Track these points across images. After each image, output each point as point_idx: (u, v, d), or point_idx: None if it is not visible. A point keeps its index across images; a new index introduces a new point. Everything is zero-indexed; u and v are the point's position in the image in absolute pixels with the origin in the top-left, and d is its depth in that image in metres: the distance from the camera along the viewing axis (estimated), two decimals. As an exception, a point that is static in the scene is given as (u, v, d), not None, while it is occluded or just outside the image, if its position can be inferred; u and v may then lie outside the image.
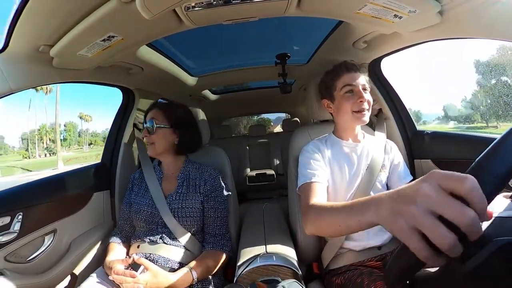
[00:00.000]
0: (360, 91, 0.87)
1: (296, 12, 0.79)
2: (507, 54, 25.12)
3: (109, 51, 0.84)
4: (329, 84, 0.93)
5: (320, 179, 0.84)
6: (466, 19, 0.73)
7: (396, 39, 0.96)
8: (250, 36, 1.33)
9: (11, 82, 0.76)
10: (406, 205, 0.32)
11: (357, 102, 0.86)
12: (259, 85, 2.22)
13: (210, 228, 0.98)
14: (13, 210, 0.88)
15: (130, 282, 0.75)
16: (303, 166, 0.89)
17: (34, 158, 46.62)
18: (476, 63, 41.78)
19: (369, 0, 0.69)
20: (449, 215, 0.28)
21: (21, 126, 59.66)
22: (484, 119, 28.96)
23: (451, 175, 0.30)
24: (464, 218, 0.28)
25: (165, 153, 1.03)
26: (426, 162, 1.11)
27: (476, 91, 34.31)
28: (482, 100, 31.16)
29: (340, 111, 0.92)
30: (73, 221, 1.09)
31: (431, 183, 0.31)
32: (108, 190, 1.27)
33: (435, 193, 0.30)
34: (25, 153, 50.56)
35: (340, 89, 0.90)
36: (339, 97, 0.90)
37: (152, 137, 0.98)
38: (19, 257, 0.91)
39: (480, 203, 0.28)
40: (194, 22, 0.79)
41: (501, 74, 28.45)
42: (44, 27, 0.70)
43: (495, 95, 29.66)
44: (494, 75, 28.67)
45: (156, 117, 0.99)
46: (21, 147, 55.91)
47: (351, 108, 0.87)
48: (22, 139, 56.07)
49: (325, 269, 0.93)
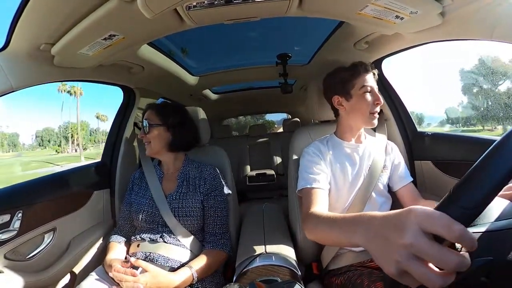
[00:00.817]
0: (377, 94, 0.87)
1: (298, 12, 0.79)
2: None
3: (110, 50, 0.84)
4: (348, 80, 0.90)
5: (321, 185, 0.84)
6: (468, 21, 0.73)
7: (398, 40, 0.96)
8: (251, 36, 1.33)
9: (12, 80, 0.76)
10: (391, 251, 0.32)
11: (374, 104, 0.87)
12: (259, 85, 2.22)
13: (210, 227, 0.98)
14: (13, 208, 0.88)
15: (130, 281, 0.76)
16: (304, 169, 0.89)
17: (66, 153, 52.94)
18: (477, 65, 41.83)
19: (370, 1, 0.69)
20: (434, 263, 0.29)
21: (56, 125, 65.76)
22: (480, 122, 29.01)
23: (436, 220, 0.30)
24: (449, 264, 0.28)
25: (162, 151, 1.04)
26: (427, 164, 1.10)
27: (475, 93, 34.36)
28: (481, 103, 31.12)
29: (355, 111, 0.90)
30: (73, 220, 1.09)
31: (414, 230, 0.30)
32: (108, 189, 1.27)
33: (418, 241, 0.30)
34: (58, 148, 56.62)
35: (360, 88, 0.88)
36: (357, 96, 0.89)
37: (147, 136, 1.01)
38: (18, 255, 0.91)
39: (470, 245, 0.28)
40: (195, 22, 0.79)
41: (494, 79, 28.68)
42: (45, 26, 0.70)
43: (493, 98, 29.84)
44: (492, 79, 28.79)
45: (149, 117, 1.02)
46: (55, 142, 61.43)
47: (368, 108, 0.87)
48: (57, 136, 62.44)
49: (325, 269, 0.93)
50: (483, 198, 0.30)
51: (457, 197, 0.31)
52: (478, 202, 0.30)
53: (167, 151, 1.05)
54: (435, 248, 0.29)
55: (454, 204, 0.31)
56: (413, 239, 0.30)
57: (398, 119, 1.20)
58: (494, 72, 25.49)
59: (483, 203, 0.30)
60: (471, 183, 0.31)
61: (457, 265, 0.28)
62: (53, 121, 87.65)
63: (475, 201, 0.30)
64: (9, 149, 58.92)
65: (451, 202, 0.31)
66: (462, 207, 0.30)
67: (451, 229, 0.28)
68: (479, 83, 34.39)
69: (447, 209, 0.31)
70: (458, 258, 0.28)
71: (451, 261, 0.28)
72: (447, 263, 0.28)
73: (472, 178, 0.31)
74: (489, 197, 0.30)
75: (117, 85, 1.28)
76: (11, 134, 61.36)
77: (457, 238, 0.28)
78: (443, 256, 0.28)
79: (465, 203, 0.30)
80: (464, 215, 0.30)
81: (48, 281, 0.96)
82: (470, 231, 0.31)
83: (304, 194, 0.84)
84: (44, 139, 60.26)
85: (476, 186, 0.30)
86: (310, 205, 0.77)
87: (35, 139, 61.81)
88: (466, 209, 0.30)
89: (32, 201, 0.95)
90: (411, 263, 0.30)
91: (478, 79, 33.71)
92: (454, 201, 0.31)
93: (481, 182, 0.30)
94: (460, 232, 0.28)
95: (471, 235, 0.28)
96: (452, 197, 0.31)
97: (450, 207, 0.31)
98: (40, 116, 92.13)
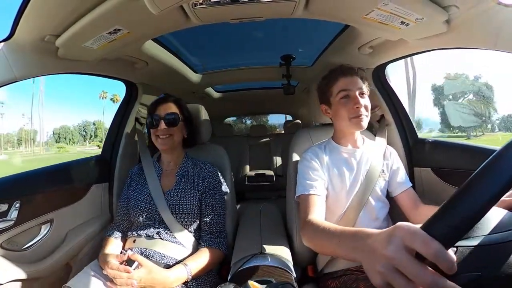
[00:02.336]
0: (356, 97, 0.85)
1: (303, 14, 0.79)
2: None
3: (114, 44, 0.85)
4: (325, 89, 0.92)
5: (318, 191, 0.84)
6: (473, 30, 0.73)
7: (402, 46, 0.96)
8: (256, 36, 1.33)
9: (15, 71, 0.76)
10: (376, 262, 0.35)
11: (353, 108, 0.85)
12: (262, 85, 2.22)
13: (207, 225, 0.98)
14: (11, 197, 0.88)
15: (124, 278, 0.76)
16: (302, 175, 0.90)
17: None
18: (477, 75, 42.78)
19: (377, 6, 0.69)
20: (410, 278, 0.30)
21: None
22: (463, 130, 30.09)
23: (416, 237, 0.31)
24: (422, 282, 0.29)
25: (178, 146, 1.05)
26: (426, 171, 1.10)
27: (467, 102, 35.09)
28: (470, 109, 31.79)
29: (337, 117, 0.91)
30: (70, 212, 1.09)
31: (397, 244, 0.32)
32: (106, 183, 1.27)
33: (398, 255, 0.32)
34: (100, 143, 60.82)
35: (336, 94, 0.88)
36: (336, 103, 0.89)
37: (172, 129, 0.99)
38: (14, 245, 0.91)
39: (446, 265, 0.29)
40: (201, 19, 0.79)
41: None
42: (51, 17, 0.70)
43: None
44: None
45: (172, 109, 1.01)
46: (70, 140, 67.58)
47: (348, 114, 0.86)
48: (72, 134, 68.48)
49: (320, 272, 0.93)
50: (466, 219, 0.30)
51: (442, 215, 0.32)
52: (460, 222, 0.30)
53: (179, 147, 1.05)
54: (412, 264, 0.30)
55: (438, 222, 0.32)
56: (394, 253, 0.32)
57: (399, 125, 1.20)
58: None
59: (466, 225, 0.30)
60: (455, 202, 0.31)
61: (429, 284, 0.29)
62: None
63: (458, 221, 0.30)
64: (39, 144, 60.80)
65: (436, 220, 0.32)
66: (447, 226, 0.30)
67: (428, 247, 0.29)
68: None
69: (430, 227, 0.32)
70: (431, 278, 0.29)
71: (424, 280, 0.29)
72: (420, 280, 0.29)
73: (456, 199, 0.31)
74: (472, 219, 0.30)
75: (120, 79, 1.28)
76: (31, 130, 63.67)
77: (433, 257, 0.29)
78: (418, 273, 0.29)
79: (449, 222, 0.30)
80: (447, 234, 0.30)
81: (42, 272, 0.96)
82: (463, 244, 0.32)
83: (302, 200, 0.85)
84: (61, 136, 64.79)
85: (460, 207, 0.31)
86: (308, 212, 0.78)
87: (52, 136, 66.19)
88: (450, 227, 0.30)
89: (31, 192, 0.95)
90: (393, 275, 0.32)
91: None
92: (438, 219, 0.32)
93: (464, 204, 0.30)
94: (436, 251, 0.29)
95: (448, 257, 0.29)
96: (437, 215, 0.32)
97: (434, 225, 0.32)
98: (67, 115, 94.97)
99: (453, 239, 0.30)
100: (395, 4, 0.67)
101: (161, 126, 0.98)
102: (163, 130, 0.99)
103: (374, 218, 0.90)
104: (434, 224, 0.32)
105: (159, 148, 1.04)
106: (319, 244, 0.64)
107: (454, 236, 0.30)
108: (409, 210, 0.90)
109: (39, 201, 0.97)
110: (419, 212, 0.87)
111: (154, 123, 0.99)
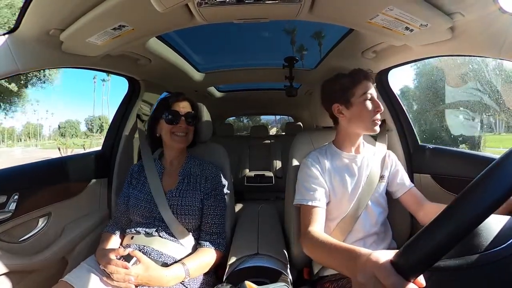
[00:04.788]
0: (377, 101, 0.87)
1: (308, 16, 0.79)
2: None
3: (118, 40, 0.85)
4: (348, 88, 0.88)
5: (319, 203, 0.84)
6: (477, 37, 0.73)
7: (406, 51, 0.96)
8: (260, 37, 1.34)
9: (19, 63, 0.76)
10: (355, 285, 0.44)
11: (375, 111, 0.86)
12: (264, 86, 2.22)
13: (207, 226, 0.97)
14: (10, 189, 0.89)
15: (122, 273, 0.75)
16: (302, 182, 0.89)
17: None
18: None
19: (381, 11, 0.69)
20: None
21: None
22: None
23: (381, 270, 0.36)
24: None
25: (187, 144, 1.05)
26: (426, 177, 1.10)
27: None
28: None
29: (356, 119, 0.88)
30: (68, 206, 1.10)
31: (367, 271, 0.40)
32: (106, 179, 1.27)
33: (367, 282, 0.39)
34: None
35: (360, 96, 0.87)
36: (358, 104, 0.87)
37: (190, 128, 1.01)
38: (12, 237, 0.91)
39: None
40: (206, 19, 0.80)
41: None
42: (56, 11, 0.70)
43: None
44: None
45: (187, 108, 1.02)
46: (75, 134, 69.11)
47: (371, 116, 0.86)
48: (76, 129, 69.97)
49: (315, 275, 0.93)
50: (428, 255, 0.31)
51: (409, 248, 0.33)
52: (421, 259, 0.32)
53: (187, 145, 1.05)
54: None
55: (404, 255, 0.34)
56: (364, 280, 0.40)
57: (400, 131, 1.20)
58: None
59: (427, 260, 0.32)
60: (419, 238, 0.33)
61: None
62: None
63: (421, 257, 0.32)
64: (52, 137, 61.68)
65: (405, 252, 0.34)
66: (415, 256, 0.32)
67: (388, 279, 0.34)
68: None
69: (399, 258, 0.34)
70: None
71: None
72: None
73: (421, 235, 0.33)
74: (436, 254, 0.31)
75: (123, 75, 1.28)
76: (36, 125, 64.52)
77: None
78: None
79: (417, 252, 0.32)
80: (408, 267, 0.33)
81: (38, 265, 0.96)
82: (445, 264, 0.34)
83: (303, 210, 0.86)
84: (66, 130, 65.90)
85: (423, 243, 0.32)
86: (308, 224, 0.80)
87: (57, 130, 67.53)
88: (418, 257, 0.32)
89: (30, 185, 0.95)
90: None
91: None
92: (405, 252, 0.34)
93: (426, 239, 0.32)
94: (394, 284, 0.33)
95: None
96: (405, 247, 0.34)
97: (402, 256, 0.34)
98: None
99: (419, 268, 0.32)
100: (400, 9, 0.67)
101: (182, 124, 0.98)
102: (183, 128, 0.98)
103: (374, 223, 0.89)
104: (402, 255, 0.34)
105: (173, 146, 1.01)
106: (318, 256, 0.73)
107: (421, 266, 0.32)
108: (415, 209, 0.89)
109: (38, 194, 0.97)
110: (424, 211, 0.86)
111: (175, 119, 0.98)
